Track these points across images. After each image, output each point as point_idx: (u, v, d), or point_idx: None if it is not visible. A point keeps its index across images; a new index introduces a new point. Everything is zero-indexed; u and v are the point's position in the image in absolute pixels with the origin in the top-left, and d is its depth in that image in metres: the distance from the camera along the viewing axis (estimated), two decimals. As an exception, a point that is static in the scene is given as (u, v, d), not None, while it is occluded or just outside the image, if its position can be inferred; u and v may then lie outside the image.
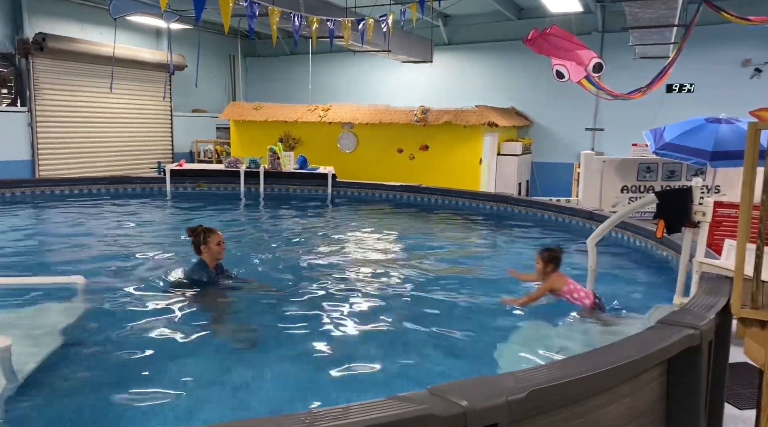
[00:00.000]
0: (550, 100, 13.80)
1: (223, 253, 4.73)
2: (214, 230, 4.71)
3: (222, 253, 4.72)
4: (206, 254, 4.65)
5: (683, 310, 3.08)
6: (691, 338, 2.74)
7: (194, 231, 4.70)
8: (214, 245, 4.64)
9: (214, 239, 4.64)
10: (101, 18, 12.73)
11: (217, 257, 4.71)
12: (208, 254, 4.65)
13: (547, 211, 8.30)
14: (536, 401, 2.10)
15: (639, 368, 2.56)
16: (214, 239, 4.64)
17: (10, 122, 11.38)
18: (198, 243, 4.66)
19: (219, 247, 4.68)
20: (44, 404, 2.95)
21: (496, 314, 4.41)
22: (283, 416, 1.85)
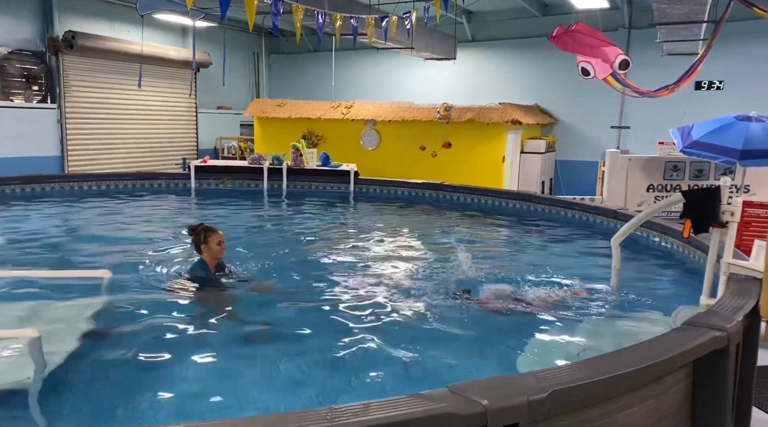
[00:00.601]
0: (575, 98, 13.64)
1: (223, 252, 4.70)
2: (215, 229, 4.69)
3: (222, 252, 4.70)
4: (206, 253, 4.63)
5: (710, 311, 3.02)
6: (718, 340, 2.69)
7: (195, 230, 4.68)
8: (214, 245, 4.62)
9: (215, 239, 4.62)
10: (129, 16, 12.93)
11: (218, 257, 4.69)
12: (209, 253, 4.63)
13: (571, 210, 8.20)
14: (558, 402, 2.08)
15: (663, 370, 2.52)
16: (214, 238, 4.62)
17: (41, 119, 11.63)
18: (198, 242, 4.64)
19: (219, 246, 4.65)
20: (69, 394, 3.01)
21: (517, 313, 4.38)
22: (303, 411, 1.86)
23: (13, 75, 11.36)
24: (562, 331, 4.05)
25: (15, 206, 8.34)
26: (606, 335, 4.01)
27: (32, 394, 2.86)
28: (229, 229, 7.54)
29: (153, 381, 3.23)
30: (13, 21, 11.22)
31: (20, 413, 2.83)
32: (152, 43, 13.30)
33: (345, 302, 4.56)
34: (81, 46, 11.67)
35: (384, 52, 14.20)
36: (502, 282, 5.15)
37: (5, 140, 10.92)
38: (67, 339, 3.40)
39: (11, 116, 11.07)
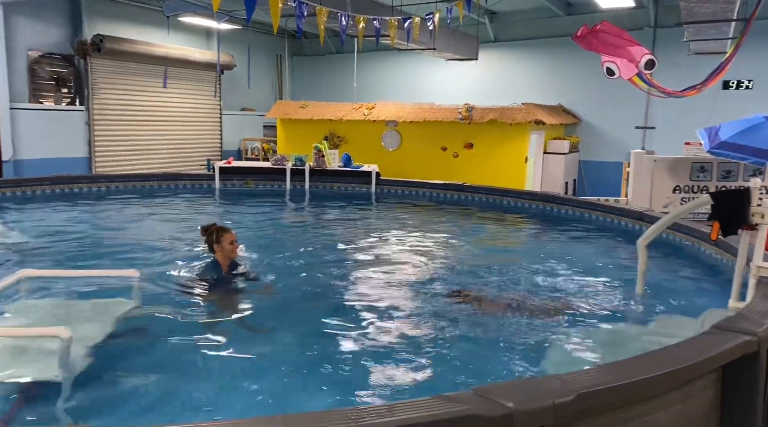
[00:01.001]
0: (599, 98, 13.49)
1: (236, 252, 4.72)
2: (228, 229, 4.72)
3: (235, 252, 4.72)
4: (219, 252, 4.67)
5: (739, 315, 2.97)
6: (748, 344, 2.64)
7: (207, 230, 4.72)
8: (227, 244, 4.65)
9: (227, 238, 4.65)
10: (155, 19, 13.14)
11: (230, 256, 4.71)
12: (221, 252, 4.66)
13: (595, 211, 8.12)
14: (584, 405, 2.07)
15: (692, 375, 2.48)
16: (227, 238, 4.65)
17: (70, 121, 11.88)
18: (211, 242, 4.67)
19: (232, 246, 4.68)
20: (96, 391, 3.06)
21: (541, 315, 4.35)
22: (329, 411, 1.88)
23: (44, 78, 11.62)
24: (587, 334, 4.01)
25: (45, 206, 8.53)
26: (632, 339, 3.96)
27: (62, 390, 2.92)
28: (251, 229, 7.65)
29: (173, 380, 3.27)
30: (44, 26, 11.48)
31: (50, 408, 2.89)
32: (177, 45, 13.50)
33: (364, 303, 4.58)
34: (108, 49, 11.89)
35: (406, 53, 14.22)
36: (521, 283, 5.13)
37: (36, 142, 11.18)
38: (96, 337, 3.47)
39: (42, 118, 11.33)
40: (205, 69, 14.35)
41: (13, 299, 4.15)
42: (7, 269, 5.00)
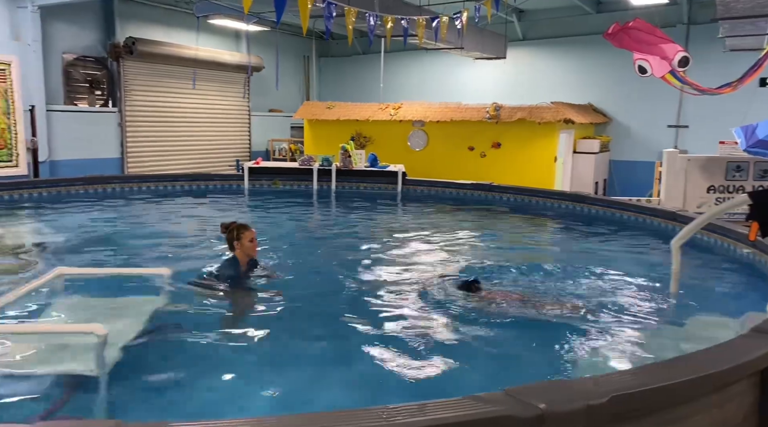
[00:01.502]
0: (630, 97, 13.26)
1: (255, 250, 4.72)
2: (248, 227, 4.72)
3: (255, 250, 4.72)
4: (239, 250, 4.67)
5: (779, 318, 2.89)
6: (789, 348, 2.56)
7: (228, 227, 4.72)
8: (247, 242, 4.65)
9: (247, 236, 4.66)
10: (185, 22, 13.35)
11: (250, 254, 4.72)
12: (241, 250, 4.67)
13: (626, 211, 7.98)
14: (617, 407, 2.03)
15: (729, 379, 2.42)
16: (247, 235, 4.66)
17: (103, 122, 12.14)
18: (231, 239, 4.68)
19: (252, 244, 4.68)
20: (128, 387, 3.12)
21: (571, 316, 4.29)
22: (360, 409, 1.88)
23: (78, 80, 11.90)
24: (618, 335, 3.95)
25: (80, 206, 8.73)
26: (666, 341, 3.88)
27: (98, 385, 2.99)
28: (278, 228, 7.72)
29: (199, 376, 3.31)
30: (78, 30, 11.76)
31: (86, 403, 2.96)
32: (207, 47, 13.69)
33: (388, 302, 4.56)
34: (140, 51, 12.12)
35: (433, 53, 14.17)
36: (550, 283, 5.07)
37: (71, 143, 11.45)
38: (129, 334, 3.54)
39: (76, 120, 11.60)
40: (234, 71, 14.53)
41: (50, 296, 4.26)
42: (43, 267, 5.14)
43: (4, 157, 10.46)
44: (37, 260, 5.62)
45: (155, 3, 12.90)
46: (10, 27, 10.42)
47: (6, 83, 10.32)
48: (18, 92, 10.47)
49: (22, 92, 10.51)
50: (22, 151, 10.67)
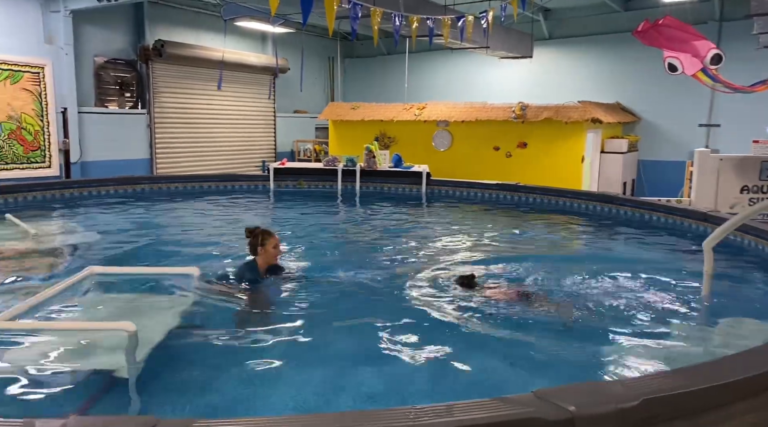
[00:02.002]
0: (659, 95, 13.04)
1: (278, 257, 4.71)
2: (272, 233, 4.71)
3: (277, 257, 4.71)
4: (262, 255, 4.66)
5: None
6: (828, 352, 2.49)
7: (252, 232, 4.71)
8: (270, 248, 4.65)
9: (272, 242, 4.65)
10: (213, 24, 13.54)
11: (272, 261, 4.71)
12: (264, 256, 4.66)
13: (656, 212, 7.84)
14: (649, 411, 2.00)
15: (764, 383, 2.36)
16: (271, 242, 4.65)
17: (133, 124, 12.37)
18: (255, 244, 4.67)
19: (275, 250, 4.68)
20: (158, 384, 3.17)
21: (599, 318, 4.23)
22: (387, 409, 1.88)
23: (108, 83, 12.14)
24: (648, 337, 3.87)
25: (110, 206, 8.91)
26: (698, 343, 3.80)
27: (128, 382, 3.04)
28: (303, 228, 7.77)
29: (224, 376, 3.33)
30: (109, 33, 12.00)
31: (117, 399, 3.02)
32: (233, 49, 13.85)
33: (411, 303, 4.53)
34: (169, 53, 12.31)
35: (458, 53, 14.13)
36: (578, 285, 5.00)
37: (102, 144, 11.69)
38: (158, 332, 3.59)
39: (106, 122, 11.84)
40: (260, 72, 14.68)
41: (81, 294, 4.35)
42: (75, 266, 5.26)
43: (37, 159, 10.73)
44: (69, 258, 5.75)
45: (184, 6, 13.10)
46: (44, 31, 10.69)
47: (40, 86, 10.59)
48: (51, 95, 10.74)
49: (55, 95, 10.78)
50: (55, 152, 10.93)
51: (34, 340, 3.46)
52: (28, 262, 5.68)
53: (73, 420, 1.75)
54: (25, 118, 10.45)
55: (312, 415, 1.92)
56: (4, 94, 10.13)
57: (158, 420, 1.74)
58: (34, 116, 10.57)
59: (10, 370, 3.17)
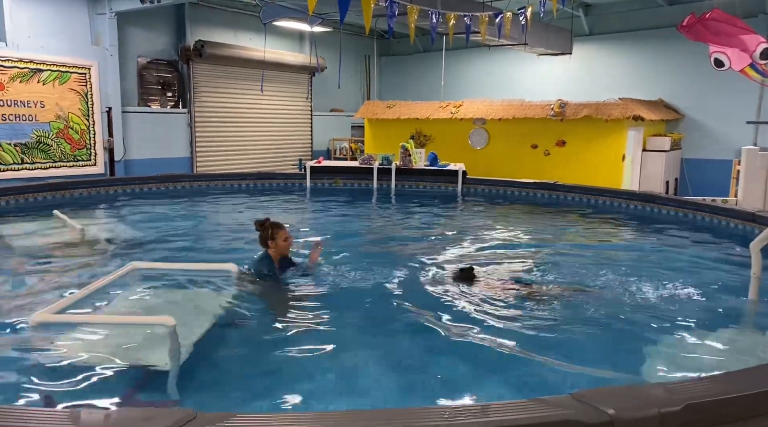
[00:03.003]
0: (705, 92, 12.63)
1: (289, 249, 4.77)
2: (282, 226, 4.77)
3: (288, 249, 4.77)
4: (273, 248, 4.72)
5: None
6: None
7: (263, 225, 4.77)
8: (281, 241, 4.71)
9: (282, 235, 4.71)
10: (252, 24, 13.73)
11: (283, 253, 4.78)
12: (275, 248, 4.72)
13: (700, 212, 7.61)
14: (692, 416, 1.94)
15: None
16: (281, 234, 4.71)
17: (174, 123, 12.66)
18: (266, 237, 4.73)
19: (286, 243, 4.74)
20: (194, 379, 3.22)
21: (641, 319, 4.13)
22: (422, 408, 1.88)
23: (151, 82, 12.45)
24: (692, 341, 3.76)
25: (152, 203, 9.14)
26: (744, 348, 3.67)
27: (168, 375, 3.11)
28: (338, 226, 7.81)
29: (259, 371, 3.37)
30: (152, 34, 12.30)
31: (157, 391, 3.09)
32: (272, 49, 14.02)
33: (442, 300, 4.50)
34: (209, 54, 12.55)
35: (495, 50, 13.98)
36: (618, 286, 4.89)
37: (144, 143, 12.01)
38: (197, 326, 3.66)
39: (149, 121, 12.15)
40: (298, 71, 14.83)
41: (124, 289, 4.48)
42: (118, 261, 5.41)
43: (83, 157, 11.08)
44: (112, 254, 5.91)
45: (223, 7, 13.32)
46: (91, 33, 11.03)
47: (86, 87, 10.92)
48: (97, 95, 11.07)
49: (100, 95, 11.11)
50: (100, 150, 11.27)
51: (78, 332, 3.57)
52: (74, 257, 5.86)
53: (116, 411, 1.80)
54: (72, 117, 10.80)
55: (347, 411, 1.93)
56: (53, 95, 10.49)
57: (197, 413, 1.78)
58: (80, 116, 10.91)
59: (55, 361, 3.28)
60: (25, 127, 10.19)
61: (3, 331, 3.71)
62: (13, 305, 4.33)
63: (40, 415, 1.79)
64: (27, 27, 10.11)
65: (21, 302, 4.36)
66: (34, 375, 3.14)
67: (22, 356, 3.38)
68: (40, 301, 4.27)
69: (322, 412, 1.95)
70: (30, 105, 10.21)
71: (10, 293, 4.72)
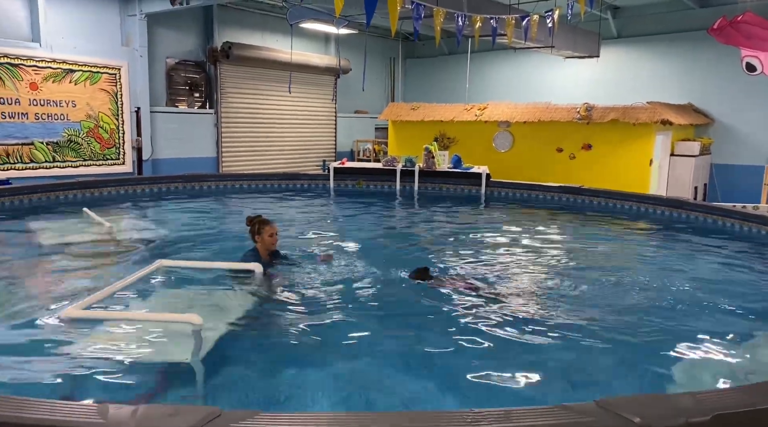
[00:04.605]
0: (736, 96, 12.38)
1: (275, 243, 5.09)
2: (269, 222, 5.09)
3: (274, 243, 5.08)
4: (260, 243, 5.04)
5: None
6: None
7: (252, 221, 5.10)
8: (267, 236, 5.02)
9: (268, 231, 5.02)
10: (278, 26, 13.86)
11: (270, 248, 5.08)
12: (262, 243, 5.04)
13: (729, 218, 7.46)
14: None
15: None
16: (267, 230, 5.02)
17: (201, 123, 12.83)
18: (254, 233, 5.06)
19: (272, 238, 5.04)
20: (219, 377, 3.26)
21: (666, 328, 4.06)
22: (445, 411, 1.88)
23: (179, 83, 12.64)
24: (721, 350, 3.69)
25: (179, 202, 9.27)
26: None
27: (194, 373, 3.15)
28: (361, 227, 7.83)
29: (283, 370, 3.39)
30: (180, 35, 12.49)
31: (182, 389, 3.13)
32: (297, 50, 14.13)
33: (461, 305, 4.48)
34: (236, 55, 12.70)
35: (521, 52, 13.89)
36: (644, 293, 4.81)
37: (172, 142, 12.19)
38: (222, 324, 3.71)
39: (177, 121, 12.34)
40: (323, 73, 14.92)
41: (151, 286, 4.55)
42: (146, 259, 5.50)
43: (112, 156, 11.29)
44: (140, 251, 6.01)
45: (251, 9, 13.47)
46: (121, 34, 11.24)
47: (116, 87, 11.14)
48: (126, 95, 11.28)
49: (129, 95, 11.32)
50: (128, 150, 11.48)
51: (105, 328, 3.64)
52: (102, 254, 5.98)
53: (143, 407, 1.83)
54: (102, 117, 11.02)
55: (369, 413, 1.93)
56: (84, 95, 10.72)
57: (222, 411, 1.80)
58: (110, 115, 11.13)
59: (83, 356, 3.34)
60: (57, 126, 10.43)
61: (34, 325, 3.80)
62: (44, 300, 4.43)
63: (69, 408, 1.83)
64: (61, 28, 10.36)
65: (51, 297, 4.47)
66: (62, 369, 3.21)
67: (52, 350, 3.46)
68: (69, 296, 4.36)
69: (346, 412, 1.95)
70: (62, 104, 10.45)
71: (40, 288, 4.83)
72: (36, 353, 3.44)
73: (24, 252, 5.98)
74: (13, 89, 9.78)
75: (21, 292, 4.60)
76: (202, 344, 3.24)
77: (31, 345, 3.56)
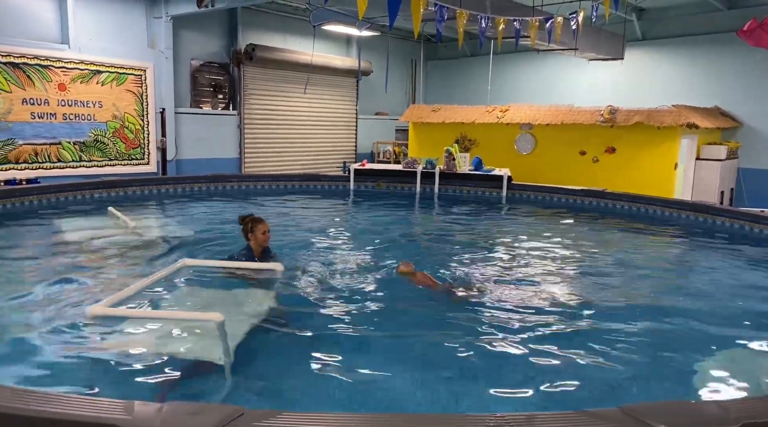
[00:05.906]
0: (765, 99, 12.14)
1: (267, 241, 5.18)
2: (262, 220, 5.18)
3: (267, 241, 5.17)
4: (253, 241, 5.13)
5: None
6: None
7: (244, 220, 5.21)
8: (259, 234, 5.11)
9: (260, 229, 5.12)
10: (301, 28, 13.96)
11: (262, 245, 5.16)
12: (254, 241, 5.12)
13: (757, 224, 7.31)
14: (748, 437, 1.87)
15: None
16: (260, 228, 5.12)
17: (224, 124, 12.97)
18: (246, 231, 5.16)
19: (264, 236, 5.13)
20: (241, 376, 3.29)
21: (691, 335, 4.00)
22: (466, 415, 1.87)
23: (203, 85, 12.79)
24: (746, 358, 3.62)
25: (202, 202, 9.38)
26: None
27: (216, 371, 3.19)
28: (380, 228, 7.83)
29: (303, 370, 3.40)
30: (205, 37, 12.65)
31: (203, 388, 3.17)
32: (319, 53, 14.21)
33: (481, 309, 4.45)
34: (259, 57, 12.81)
35: (544, 54, 13.80)
36: (667, 299, 4.75)
37: (196, 143, 12.34)
38: (245, 324, 3.74)
39: (201, 122, 12.49)
40: (345, 75, 14.97)
41: (174, 285, 4.61)
42: (170, 258, 5.57)
43: (137, 156, 11.46)
44: (164, 251, 6.09)
45: (274, 11, 13.58)
46: (147, 36, 11.42)
47: (141, 88, 11.31)
48: (151, 96, 11.45)
49: (154, 96, 11.49)
50: (153, 150, 11.65)
51: (130, 326, 3.70)
52: (127, 252, 6.07)
53: (168, 405, 1.86)
54: (128, 117, 11.20)
55: (390, 414, 1.94)
56: (110, 95, 10.90)
57: (245, 409, 1.82)
58: (135, 116, 11.30)
59: (108, 354, 3.40)
60: (84, 126, 10.62)
61: (61, 322, 3.87)
62: (70, 297, 4.52)
63: (95, 404, 1.86)
64: (89, 30, 10.56)
65: (77, 295, 4.55)
66: (89, 365, 3.27)
67: (78, 346, 3.53)
68: (94, 294, 4.44)
69: (370, 414, 1.96)
70: (89, 105, 10.64)
71: (66, 286, 4.92)
72: (63, 350, 3.51)
73: (51, 250, 6.10)
74: (42, 90, 9.99)
75: (48, 289, 4.69)
76: (224, 342, 3.27)
77: (58, 342, 3.63)
